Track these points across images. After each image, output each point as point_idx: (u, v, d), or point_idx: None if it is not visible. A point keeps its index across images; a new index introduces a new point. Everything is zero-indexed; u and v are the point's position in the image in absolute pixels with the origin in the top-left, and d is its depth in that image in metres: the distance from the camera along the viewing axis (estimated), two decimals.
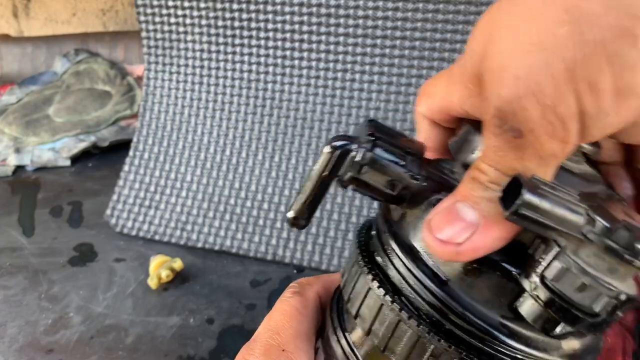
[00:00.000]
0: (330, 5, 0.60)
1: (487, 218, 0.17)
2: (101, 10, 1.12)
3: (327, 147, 0.19)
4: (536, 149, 0.16)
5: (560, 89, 0.15)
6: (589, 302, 0.15)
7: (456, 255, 0.17)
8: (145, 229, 0.63)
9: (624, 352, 0.40)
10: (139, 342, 0.49)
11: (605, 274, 0.15)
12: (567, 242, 0.16)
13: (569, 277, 0.15)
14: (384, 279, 0.20)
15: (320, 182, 0.20)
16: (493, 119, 0.16)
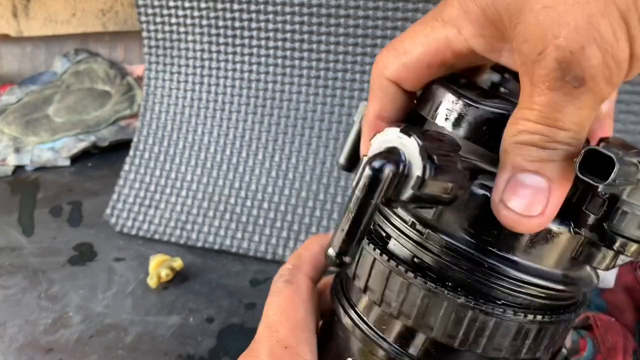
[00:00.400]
0: (331, 5, 0.60)
1: (554, 180, 0.17)
2: (101, 10, 1.12)
3: (369, 169, 0.17)
4: (594, 94, 0.16)
5: (617, 35, 0.16)
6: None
7: (541, 226, 0.18)
8: (145, 229, 0.63)
9: (625, 351, 0.40)
10: (138, 341, 0.49)
11: None
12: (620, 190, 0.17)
13: (633, 219, 0.17)
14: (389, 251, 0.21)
15: (370, 212, 0.17)
16: (553, 72, 0.16)
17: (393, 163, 0.17)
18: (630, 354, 0.40)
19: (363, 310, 0.23)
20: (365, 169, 0.17)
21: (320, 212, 0.61)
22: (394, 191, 0.17)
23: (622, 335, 0.41)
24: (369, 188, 0.17)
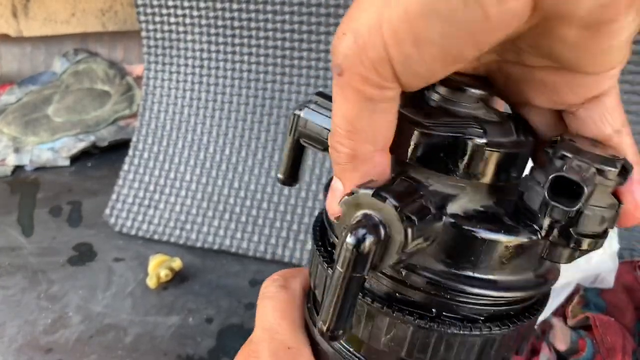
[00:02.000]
0: (330, 5, 0.60)
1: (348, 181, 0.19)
2: (100, 10, 1.12)
3: (350, 240, 0.16)
4: (354, 91, 0.17)
5: (372, 36, 0.16)
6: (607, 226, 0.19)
7: None
8: (144, 229, 0.63)
9: (624, 351, 0.40)
10: (138, 341, 0.49)
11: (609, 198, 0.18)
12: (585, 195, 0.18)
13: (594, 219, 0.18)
14: None
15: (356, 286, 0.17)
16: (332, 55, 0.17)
17: (374, 234, 0.16)
18: (630, 354, 0.40)
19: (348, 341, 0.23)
20: (345, 244, 0.16)
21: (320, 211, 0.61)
22: (378, 258, 0.17)
23: (621, 335, 0.41)
24: (354, 263, 0.16)
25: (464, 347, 0.20)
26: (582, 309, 0.44)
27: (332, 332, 0.17)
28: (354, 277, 0.17)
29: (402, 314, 0.19)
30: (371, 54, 0.16)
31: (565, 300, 0.45)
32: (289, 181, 0.24)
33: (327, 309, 0.17)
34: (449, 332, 0.19)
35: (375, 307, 0.20)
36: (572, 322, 0.43)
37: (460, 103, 0.20)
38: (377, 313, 0.20)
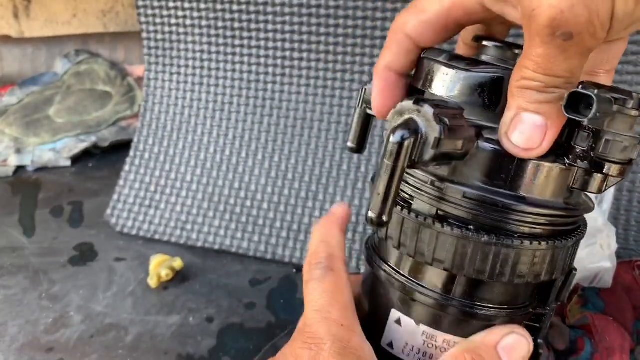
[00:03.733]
0: (330, 6, 0.61)
1: (551, 118, 0.21)
2: (101, 11, 1.12)
3: (394, 138, 0.20)
4: (580, 47, 0.19)
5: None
6: (629, 155, 0.21)
7: (538, 154, 0.21)
8: (145, 229, 0.63)
9: (623, 350, 0.40)
10: (138, 341, 0.49)
11: (630, 131, 0.21)
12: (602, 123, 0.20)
13: (615, 145, 0.21)
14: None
15: (399, 175, 0.20)
16: (545, 28, 0.19)
17: (412, 131, 0.20)
18: (628, 354, 0.40)
19: (398, 265, 0.26)
20: (389, 140, 0.20)
21: (320, 212, 0.61)
22: (417, 154, 0.20)
23: (619, 334, 0.41)
24: (396, 155, 0.20)
25: (498, 258, 0.22)
26: (581, 309, 0.44)
27: (379, 217, 0.21)
28: (397, 167, 0.20)
29: (442, 225, 0.22)
30: (602, 15, 0.19)
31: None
32: (357, 148, 0.28)
33: (374, 198, 0.21)
34: (484, 242, 0.22)
35: (420, 222, 0.23)
36: (571, 322, 0.44)
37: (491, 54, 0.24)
38: (422, 227, 0.23)
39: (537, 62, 0.20)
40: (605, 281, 0.45)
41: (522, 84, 0.21)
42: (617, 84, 0.55)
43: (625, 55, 0.54)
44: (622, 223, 0.56)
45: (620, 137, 0.21)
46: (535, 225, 0.23)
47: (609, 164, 0.21)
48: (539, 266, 0.23)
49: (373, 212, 0.21)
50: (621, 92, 0.20)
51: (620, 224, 0.56)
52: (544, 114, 0.21)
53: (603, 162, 0.21)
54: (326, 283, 0.26)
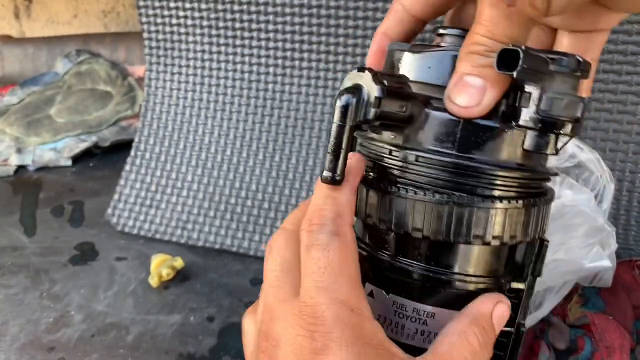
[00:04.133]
0: (330, 6, 0.61)
1: (490, 80, 0.22)
2: (102, 11, 1.12)
3: (340, 101, 0.22)
4: (521, 16, 0.21)
5: None
6: (573, 113, 0.22)
7: (478, 114, 0.23)
8: (146, 228, 0.63)
9: (622, 349, 0.40)
10: (139, 340, 0.49)
11: (572, 91, 0.22)
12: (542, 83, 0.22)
13: (556, 103, 0.21)
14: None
15: (347, 134, 0.22)
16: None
17: (356, 93, 0.22)
18: (628, 353, 0.41)
19: (364, 236, 0.27)
20: (336, 103, 0.22)
21: None
22: (362, 114, 0.22)
23: (619, 333, 0.41)
24: (342, 116, 0.22)
25: (452, 217, 0.23)
26: (581, 308, 0.44)
27: (332, 175, 0.23)
28: (344, 126, 0.22)
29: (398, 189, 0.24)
30: None
31: (564, 299, 0.45)
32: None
33: (327, 158, 0.23)
34: (436, 201, 0.23)
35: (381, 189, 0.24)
36: (571, 321, 0.44)
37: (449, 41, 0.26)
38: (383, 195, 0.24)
39: (484, 26, 0.21)
40: (605, 281, 0.45)
41: (470, 49, 0.22)
42: (617, 84, 0.55)
43: (624, 55, 0.54)
44: (622, 223, 0.56)
45: (561, 95, 0.21)
46: (488, 185, 0.23)
47: (554, 121, 0.22)
48: (497, 227, 0.24)
49: (326, 171, 0.23)
50: (560, 54, 0.22)
51: (620, 224, 0.56)
52: (483, 76, 0.22)
53: (547, 120, 0.22)
54: (331, 251, 0.22)
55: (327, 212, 0.23)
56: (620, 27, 0.53)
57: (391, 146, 0.25)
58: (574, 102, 0.22)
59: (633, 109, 0.56)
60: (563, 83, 0.22)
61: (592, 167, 0.46)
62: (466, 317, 0.24)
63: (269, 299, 0.23)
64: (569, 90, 0.22)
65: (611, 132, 0.56)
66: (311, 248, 0.22)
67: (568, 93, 0.22)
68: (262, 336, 0.23)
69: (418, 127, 0.24)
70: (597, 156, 0.46)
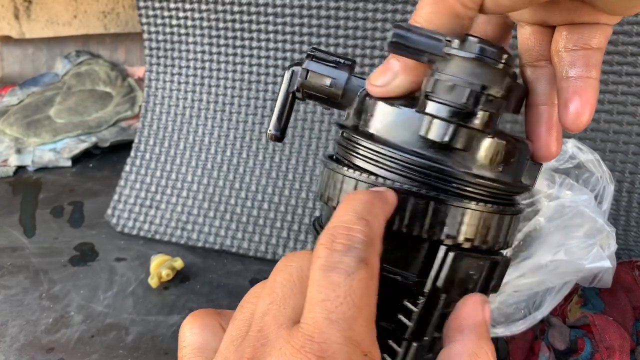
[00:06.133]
0: (330, 7, 0.61)
1: (404, 63, 0.23)
2: (102, 12, 1.12)
3: (286, 73, 0.25)
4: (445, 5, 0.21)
5: None
6: (456, 98, 0.20)
7: (382, 92, 0.23)
8: (145, 229, 0.63)
9: (622, 350, 0.40)
10: (139, 340, 0.49)
11: (464, 75, 0.20)
12: (437, 65, 0.21)
13: (440, 85, 0.21)
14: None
15: (284, 98, 0.26)
16: None
17: (295, 66, 0.25)
18: (628, 353, 0.41)
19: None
20: (284, 75, 0.26)
21: (320, 212, 0.61)
22: (295, 84, 0.25)
23: (619, 334, 0.41)
24: (282, 84, 0.26)
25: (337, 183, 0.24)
26: (581, 308, 0.44)
27: (275, 132, 0.26)
28: (283, 92, 0.26)
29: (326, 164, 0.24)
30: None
31: (564, 300, 0.45)
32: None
33: (273, 118, 0.26)
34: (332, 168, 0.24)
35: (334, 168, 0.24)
36: (571, 321, 0.44)
37: None
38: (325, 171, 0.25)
39: (416, 19, 0.22)
40: (605, 281, 0.45)
41: None
42: (617, 85, 0.55)
43: (624, 56, 0.54)
44: (621, 223, 0.57)
45: (448, 77, 0.20)
46: (380, 164, 0.23)
47: (434, 103, 0.21)
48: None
49: (270, 129, 0.26)
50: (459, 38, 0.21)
51: (620, 225, 0.56)
52: (400, 60, 0.23)
53: (432, 102, 0.21)
54: (357, 281, 0.18)
55: (359, 234, 0.19)
56: (621, 27, 0.53)
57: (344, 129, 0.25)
58: (462, 87, 0.20)
59: (633, 110, 0.56)
60: (456, 66, 0.20)
61: (592, 167, 0.46)
62: (471, 330, 0.21)
63: (267, 318, 0.19)
64: (462, 75, 0.20)
65: (611, 133, 0.57)
66: (332, 270, 0.18)
67: (458, 77, 0.20)
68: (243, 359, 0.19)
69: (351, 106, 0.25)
70: (597, 157, 0.46)
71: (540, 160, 0.25)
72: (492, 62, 0.20)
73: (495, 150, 0.22)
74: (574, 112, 0.23)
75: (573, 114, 0.23)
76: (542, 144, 0.24)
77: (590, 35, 0.23)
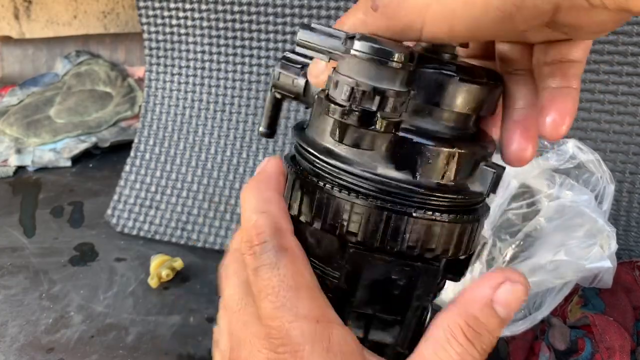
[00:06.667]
0: (330, 7, 0.61)
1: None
2: (102, 12, 1.12)
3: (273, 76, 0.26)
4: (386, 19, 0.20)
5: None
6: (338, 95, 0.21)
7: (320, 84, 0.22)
8: (145, 229, 0.63)
9: (623, 350, 0.40)
10: (139, 341, 0.49)
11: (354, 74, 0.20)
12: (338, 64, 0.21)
13: (332, 83, 0.21)
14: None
15: (269, 97, 0.27)
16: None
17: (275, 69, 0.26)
18: (628, 353, 0.40)
19: None
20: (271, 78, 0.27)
21: None
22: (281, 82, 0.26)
23: (620, 334, 0.41)
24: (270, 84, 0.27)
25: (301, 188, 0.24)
26: (581, 309, 0.44)
27: (265, 130, 0.28)
28: (268, 92, 0.27)
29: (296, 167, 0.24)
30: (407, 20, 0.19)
31: (564, 300, 0.45)
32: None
33: (264, 116, 0.28)
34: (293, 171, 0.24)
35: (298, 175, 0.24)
36: (571, 322, 0.44)
37: None
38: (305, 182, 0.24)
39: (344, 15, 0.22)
40: (605, 281, 0.45)
41: None
42: (618, 85, 0.55)
43: (624, 56, 0.54)
44: (622, 224, 0.56)
45: (339, 76, 0.20)
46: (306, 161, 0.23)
47: (327, 101, 0.21)
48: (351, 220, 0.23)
49: (261, 127, 0.28)
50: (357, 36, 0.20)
51: (621, 225, 0.56)
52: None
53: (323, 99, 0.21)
54: (281, 268, 0.21)
55: (265, 228, 0.22)
56: (621, 28, 0.53)
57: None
58: (346, 85, 0.20)
59: (633, 110, 0.56)
60: (352, 66, 0.20)
61: (593, 168, 0.46)
62: (457, 306, 0.21)
63: (232, 326, 0.23)
64: (353, 73, 0.20)
65: (612, 133, 0.56)
66: (259, 270, 0.21)
67: (348, 75, 0.20)
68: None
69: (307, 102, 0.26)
70: (597, 157, 0.46)
71: (511, 164, 0.24)
72: (384, 61, 0.20)
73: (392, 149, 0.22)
74: (552, 121, 0.23)
75: (551, 123, 0.23)
76: (515, 148, 0.24)
77: (569, 50, 0.23)
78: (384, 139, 0.21)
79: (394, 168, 0.22)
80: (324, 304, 0.21)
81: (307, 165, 0.23)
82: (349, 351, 0.21)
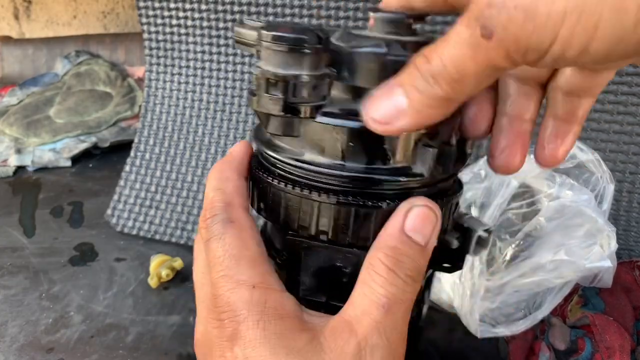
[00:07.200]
0: (330, 7, 0.61)
1: (414, 108, 0.18)
2: (102, 12, 1.12)
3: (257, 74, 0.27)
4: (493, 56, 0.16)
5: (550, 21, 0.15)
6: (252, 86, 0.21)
7: (384, 132, 0.20)
8: (145, 229, 0.63)
9: (623, 350, 0.40)
10: (139, 340, 0.49)
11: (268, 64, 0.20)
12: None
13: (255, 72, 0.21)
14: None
15: None
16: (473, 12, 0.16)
17: None
18: (628, 353, 0.40)
19: None
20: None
21: None
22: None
23: (619, 334, 0.41)
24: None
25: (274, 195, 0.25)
26: (581, 308, 0.44)
27: None
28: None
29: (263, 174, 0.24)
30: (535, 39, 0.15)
31: (564, 300, 0.45)
32: None
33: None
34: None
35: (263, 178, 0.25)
36: (571, 321, 0.44)
37: None
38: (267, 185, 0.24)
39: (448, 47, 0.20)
40: (605, 281, 0.45)
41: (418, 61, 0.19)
42: (618, 85, 0.55)
43: None
44: (622, 223, 0.57)
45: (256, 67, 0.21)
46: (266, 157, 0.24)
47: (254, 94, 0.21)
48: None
49: None
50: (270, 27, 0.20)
51: (621, 224, 0.56)
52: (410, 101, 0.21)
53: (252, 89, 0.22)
54: (227, 238, 0.22)
55: (217, 203, 0.23)
56: None
57: None
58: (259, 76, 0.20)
59: (634, 110, 0.56)
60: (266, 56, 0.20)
61: (593, 167, 0.46)
62: (374, 244, 0.22)
63: (197, 303, 0.24)
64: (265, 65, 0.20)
65: (612, 133, 0.56)
66: (209, 242, 0.22)
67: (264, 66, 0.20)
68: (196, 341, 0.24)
69: None
70: (597, 157, 0.46)
71: (498, 172, 0.24)
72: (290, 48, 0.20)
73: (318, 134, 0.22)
74: (550, 153, 0.23)
75: (549, 154, 0.23)
76: (504, 156, 0.23)
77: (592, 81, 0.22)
78: (305, 124, 0.21)
79: (320, 153, 0.22)
80: (265, 271, 0.22)
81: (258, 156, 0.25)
82: (285, 314, 0.21)
